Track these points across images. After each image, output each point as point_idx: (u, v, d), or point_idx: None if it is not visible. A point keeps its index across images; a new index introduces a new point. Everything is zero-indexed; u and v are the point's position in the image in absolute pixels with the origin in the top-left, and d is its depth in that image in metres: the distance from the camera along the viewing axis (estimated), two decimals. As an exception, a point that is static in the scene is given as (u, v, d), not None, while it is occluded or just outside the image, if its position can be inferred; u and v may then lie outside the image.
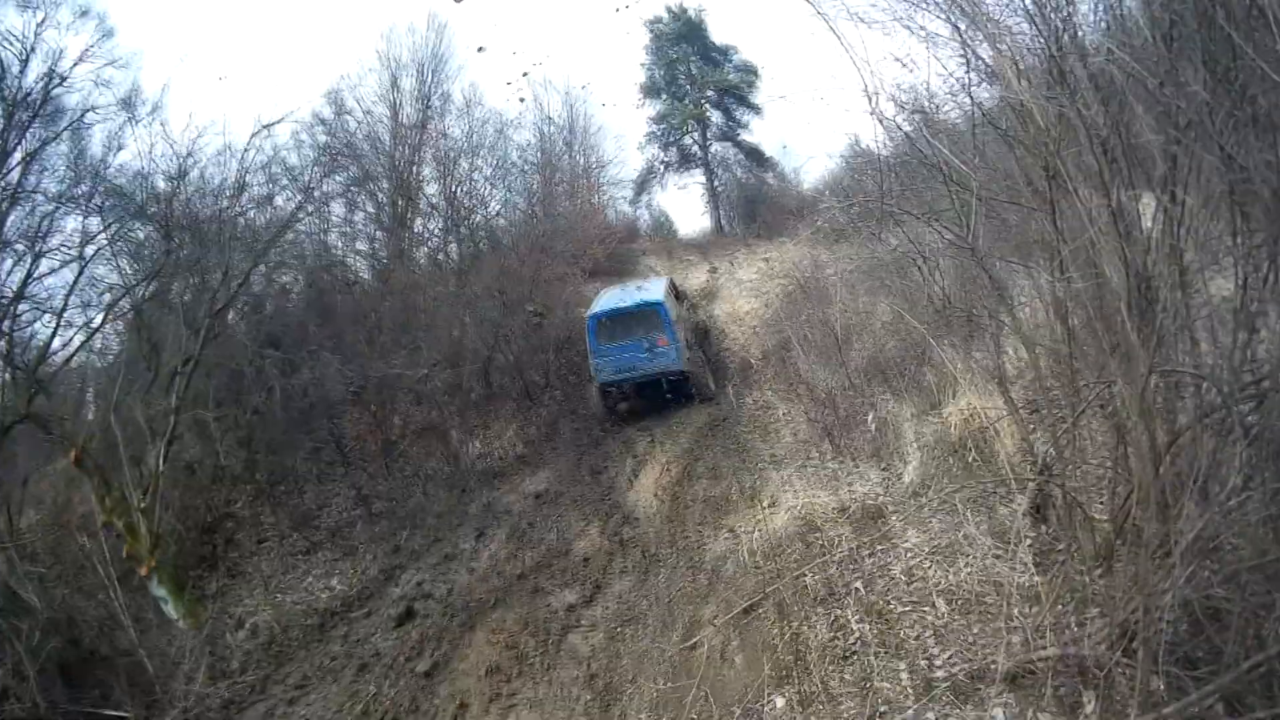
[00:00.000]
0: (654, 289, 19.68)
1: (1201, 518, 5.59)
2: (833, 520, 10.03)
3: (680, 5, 42.35)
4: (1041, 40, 7.13)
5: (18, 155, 15.66)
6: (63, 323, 16.11)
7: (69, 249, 16.35)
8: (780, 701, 7.77)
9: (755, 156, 43.11)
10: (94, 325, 17.16)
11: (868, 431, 13.30)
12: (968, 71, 8.64)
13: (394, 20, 55.84)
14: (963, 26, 8.50)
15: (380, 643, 12.37)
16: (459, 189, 27.90)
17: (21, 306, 15.70)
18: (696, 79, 42.59)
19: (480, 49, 29.80)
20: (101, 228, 16.97)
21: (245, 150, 18.82)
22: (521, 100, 43.11)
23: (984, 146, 8.87)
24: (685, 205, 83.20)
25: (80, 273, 16.29)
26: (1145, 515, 6.30)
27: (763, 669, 8.11)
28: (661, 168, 43.33)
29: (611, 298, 20.10)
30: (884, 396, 14.18)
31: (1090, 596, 6.98)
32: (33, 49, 15.57)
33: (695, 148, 43.40)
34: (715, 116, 43.51)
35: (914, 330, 15.58)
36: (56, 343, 16.18)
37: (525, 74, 38.84)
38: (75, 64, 16.23)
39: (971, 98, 7.42)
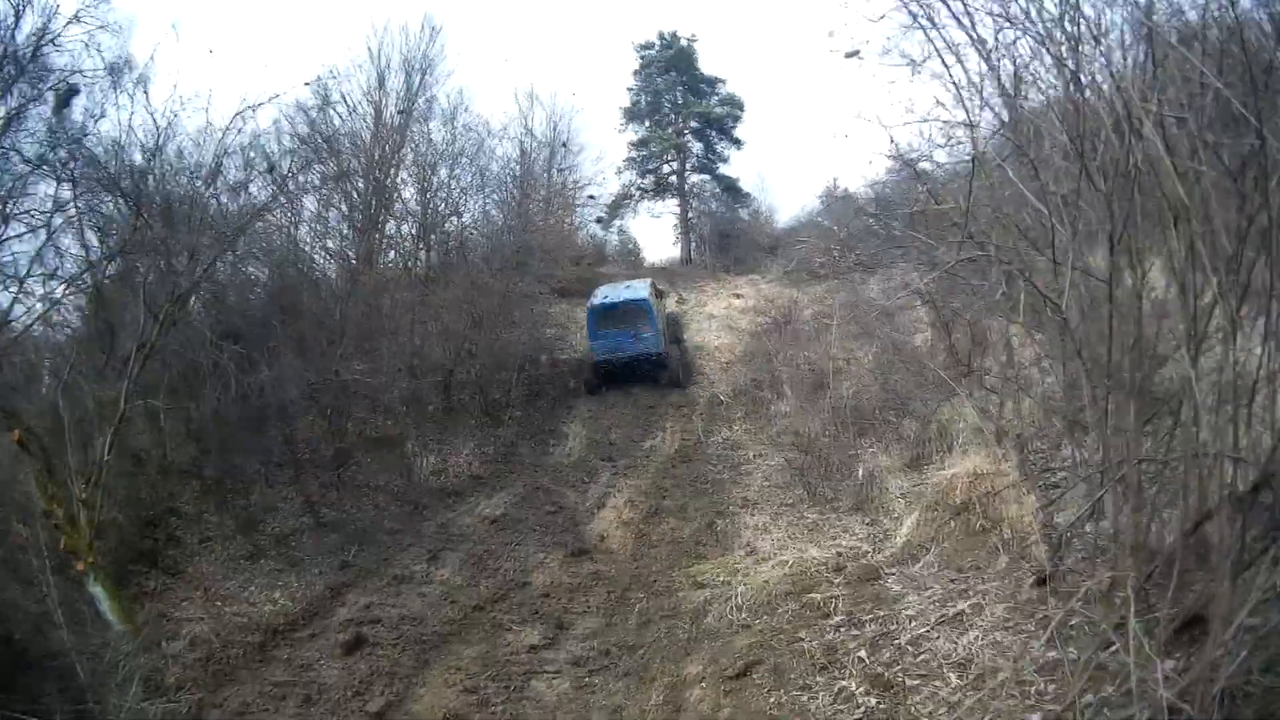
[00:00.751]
0: (640, 288, 23.25)
1: (1252, 601, 5.23)
2: (827, 579, 9.35)
3: (673, 32, 42.15)
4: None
5: None
6: (23, 291, 14.94)
7: (37, 215, 15.17)
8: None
9: (732, 190, 42.86)
10: (53, 298, 16.08)
11: (853, 482, 12.72)
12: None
13: (388, 16, 54.54)
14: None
15: (326, 671, 11.24)
16: (435, 195, 27.12)
17: (-17, 270, 14.57)
18: (681, 108, 42.32)
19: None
20: (72, 197, 15.83)
21: (226, 130, 17.59)
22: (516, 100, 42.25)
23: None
24: (656, 233, 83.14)
25: (45, 241, 15.12)
26: (1169, 593, 5.91)
27: (759, 741, 7.41)
28: (637, 193, 42.76)
29: (607, 293, 23.55)
30: (870, 448, 13.64)
31: (1113, 675, 6.41)
32: (28, 2, 14.45)
33: (672, 176, 42.94)
34: (695, 147, 43.24)
35: (899, 378, 15.19)
36: (18, 310, 15.06)
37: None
38: (68, 23, 14.95)
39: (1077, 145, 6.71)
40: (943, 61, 8.75)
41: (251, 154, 19.00)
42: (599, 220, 41.07)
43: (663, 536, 13.89)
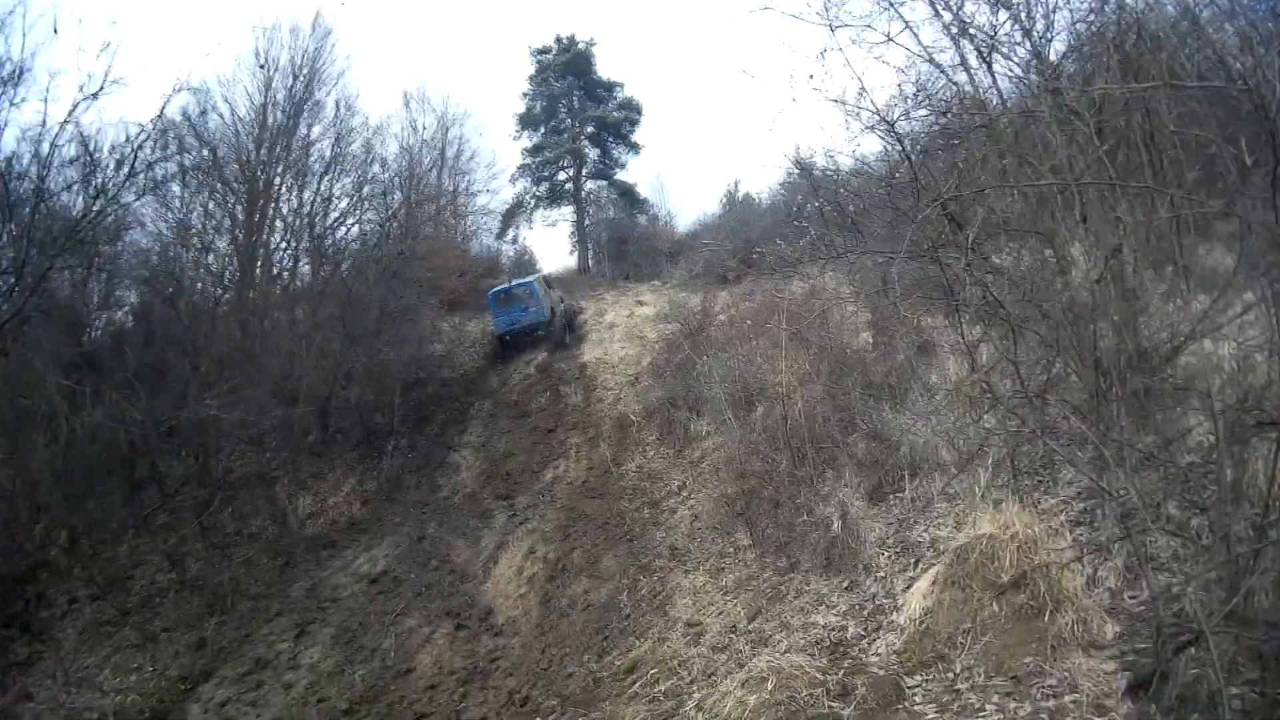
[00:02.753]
0: (528, 278, 26.24)
1: None
2: (830, 709, 5.95)
3: (570, 36, 39.38)
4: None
5: None
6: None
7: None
8: None
9: (629, 196, 39.96)
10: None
11: (814, 525, 9.48)
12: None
13: (278, 15, 49.87)
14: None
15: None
16: (317, 205, 23.91)
17: None
18: (578, 113, 39.35)
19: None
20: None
21: (64, 122, 14.64)
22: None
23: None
24: (552, 242, 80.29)
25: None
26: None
27: None
28: (532, 202, 39.55)
29: (504, 283, 26.36)
30: (827, 477, 10.43)
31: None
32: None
33: (568, 184, 39.85)
34: (592, 153, 40.25)
35: (844, 390, 12.15)
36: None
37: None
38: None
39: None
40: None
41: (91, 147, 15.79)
42: (494, 230, 37.90)
43: (574, 601, 10.91)
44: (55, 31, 15.69)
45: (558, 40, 39.53)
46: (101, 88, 14.75)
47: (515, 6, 67.36)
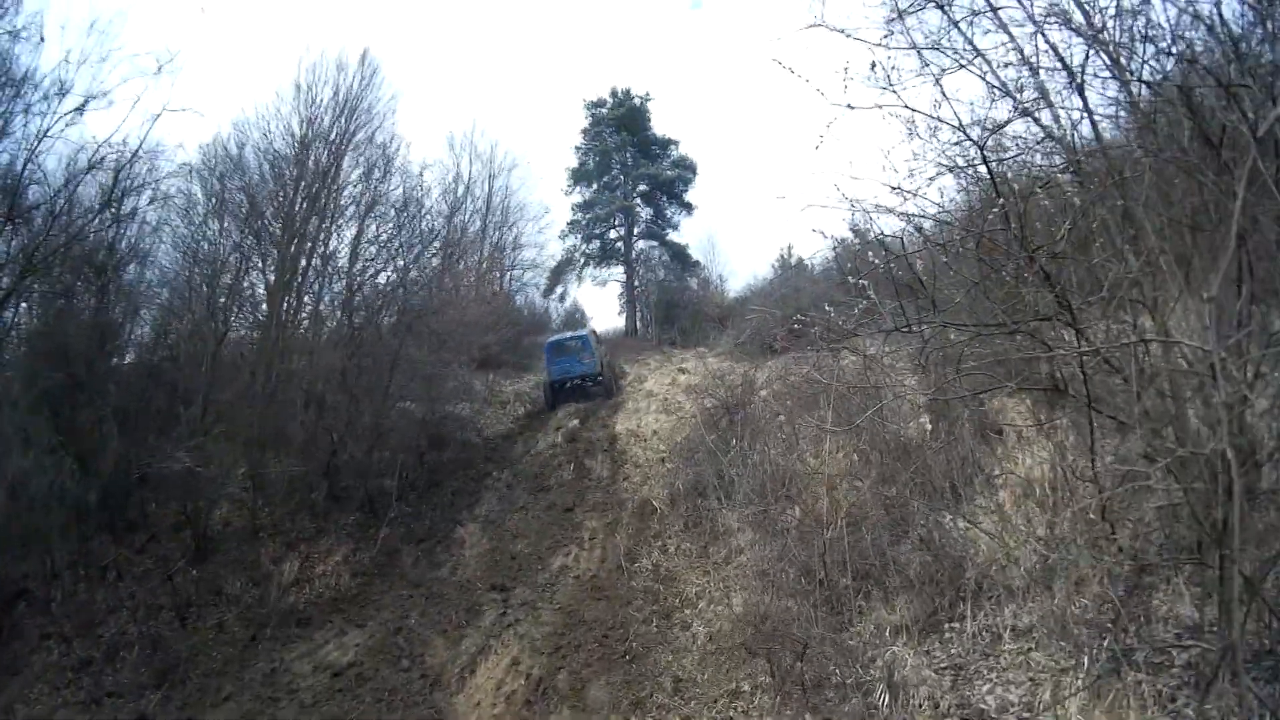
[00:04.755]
0: (582, 331, 27.88)
1: None
2: None
3: (625, 90, 38.57)
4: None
5: None
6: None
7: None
8: None
9: (680, 257, 38.49)
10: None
11: (851, 672, 7.45)
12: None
13: (323, 49, 49.19)
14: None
15: None
16: (353, 249, 22.06)
17: None
18: (630, 170, 38.19)
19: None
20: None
21: (40, 137, 14.39)
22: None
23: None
24: (601, 302, 78.82)
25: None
26: None
27: None
28: (581, 259, 38.43)
29: (559, 334, 27.95)
30: (868, 601, 8.40)
31: None
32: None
33: (619, 242, 38.70)
34: (644, 212, 39.11)
35: (903, 494, 10.19)
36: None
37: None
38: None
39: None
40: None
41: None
42: (541, 286, 36.63)
43: (554, 738, 8.76)
44: (42, 40, 14.50)
45: (612, 94, 38.88)
46: (85, 103, 14.45)
47: (569, 59, 66.81)
